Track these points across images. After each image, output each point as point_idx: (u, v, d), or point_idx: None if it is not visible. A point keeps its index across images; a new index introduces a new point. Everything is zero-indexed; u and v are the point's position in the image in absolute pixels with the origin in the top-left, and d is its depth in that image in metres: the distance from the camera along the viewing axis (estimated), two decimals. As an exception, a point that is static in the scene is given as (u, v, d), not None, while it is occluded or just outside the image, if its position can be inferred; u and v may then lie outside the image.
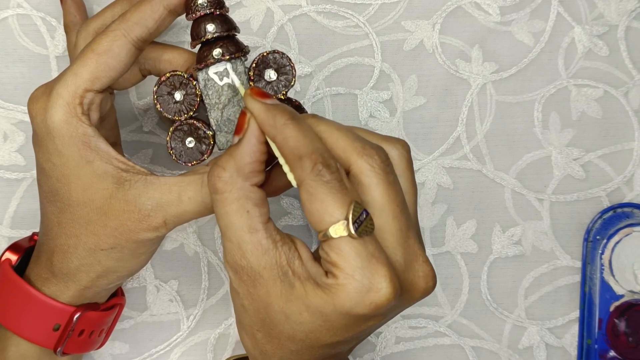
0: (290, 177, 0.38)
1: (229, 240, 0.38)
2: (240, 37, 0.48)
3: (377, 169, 0.38)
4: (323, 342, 0.39)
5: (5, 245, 0.52)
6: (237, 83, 0.43)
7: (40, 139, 0.43)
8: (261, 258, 0.38)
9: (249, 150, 0.38)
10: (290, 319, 0.38)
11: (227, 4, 0.49)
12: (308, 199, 0.37)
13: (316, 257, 0.39)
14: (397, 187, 0.39)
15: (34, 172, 0.52)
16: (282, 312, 0.38)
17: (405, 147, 0.41)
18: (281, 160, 0.39)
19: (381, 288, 0.36)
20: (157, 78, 0.45)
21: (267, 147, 0.39)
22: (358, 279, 0.36)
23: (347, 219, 0.36)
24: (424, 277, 0.39)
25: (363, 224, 0.37)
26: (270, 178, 0.43)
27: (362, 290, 0.36)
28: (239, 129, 0.39)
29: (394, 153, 0.41)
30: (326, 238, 0.37)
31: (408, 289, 0.39)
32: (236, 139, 0.39)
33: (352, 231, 0.36)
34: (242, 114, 0.39)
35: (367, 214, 0.37)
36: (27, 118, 0.53)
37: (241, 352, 0.54)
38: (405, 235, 0.39)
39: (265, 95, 0.39)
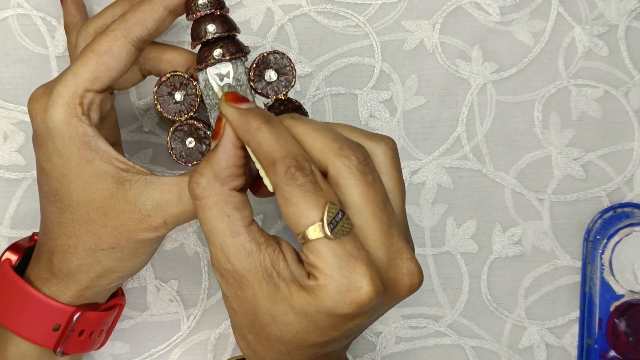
0: (267, 181, 0.38)
1: (213, 244, 0.38)
2: (241, 37, 0.48)
3: (354, 169, 0.38)
4: (311, 342, 0.38)
5: (5, 245, 0.52)
6: (216, 88, 0.42)
7: (40, 139, 0.43)
8: (245, 261, 0.38)
9: (224, 156, 0.38)
10: (277, 320, 0.38)
11: (227, 4, 0.49)
12: (284, 203, 0.37)
13: (301, 258, 0.38)
14: (376, 187, 0.38)
15: (34, 172, 0.52)
16: (269, 313, 0.38)
17: (389, 144, 0.41)
18: (257, 165, 0.38)
19: (361, 287, 0.36)
20: (157, 78, 0.45)
21: (246, 151, 0.39)
22: (337, 279, 0.36)
23: (322, 220, 0.36)
24: (408, 274, 0.38)
25: (339, 224, 0.36)
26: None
27: (342, 289, 0.36)
28: (215, 134, 0.39)
29: (378, 151, 0.40)
30: (305, 240, 0.36)
31: (392, 286, 0.38)
32: (213, 144, 0.39)
33: (328, 232, 0.36)
34: (219, 119, 0.39)
35: (343, 214, 0.37)
36: (27, 118, 0.53)
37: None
38: (387, 234, 0.38)
39: (240, 99, 0.39)
